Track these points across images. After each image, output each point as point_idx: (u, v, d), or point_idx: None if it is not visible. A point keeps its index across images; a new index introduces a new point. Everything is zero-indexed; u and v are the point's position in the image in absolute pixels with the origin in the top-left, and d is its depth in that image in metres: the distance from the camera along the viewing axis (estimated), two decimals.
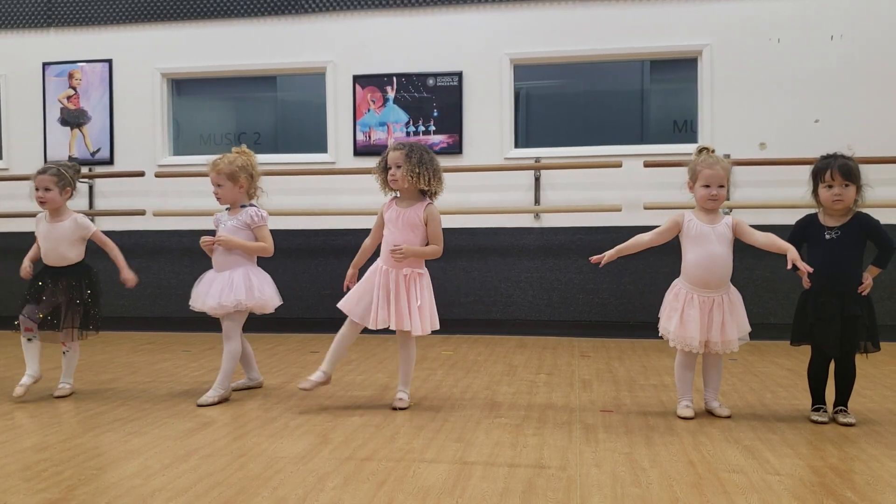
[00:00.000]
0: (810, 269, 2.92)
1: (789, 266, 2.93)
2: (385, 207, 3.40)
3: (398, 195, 3.41)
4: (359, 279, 3.43)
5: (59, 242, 3.63)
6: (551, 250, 5.60)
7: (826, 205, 3.06)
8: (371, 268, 3.40)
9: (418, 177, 3.25)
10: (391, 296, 3.28)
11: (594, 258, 3.24)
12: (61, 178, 3.61)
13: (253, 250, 3.60)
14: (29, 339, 3.63)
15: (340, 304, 3.40)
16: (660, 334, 3.26)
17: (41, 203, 3.63)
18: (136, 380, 4.09)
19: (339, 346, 3.39)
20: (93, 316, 3.68)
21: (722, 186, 3.13)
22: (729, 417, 3.16)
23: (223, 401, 3.52)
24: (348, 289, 3.44)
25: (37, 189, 3.61)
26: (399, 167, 3.27)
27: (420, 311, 3.28)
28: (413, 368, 3.45)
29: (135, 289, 6.11)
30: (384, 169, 3.35)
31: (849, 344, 3.03)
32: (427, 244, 3.33)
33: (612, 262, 3.24)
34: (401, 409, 3.32)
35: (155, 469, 2.52)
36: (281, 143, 6.28)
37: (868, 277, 3.05)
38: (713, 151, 3.20)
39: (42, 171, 3.64)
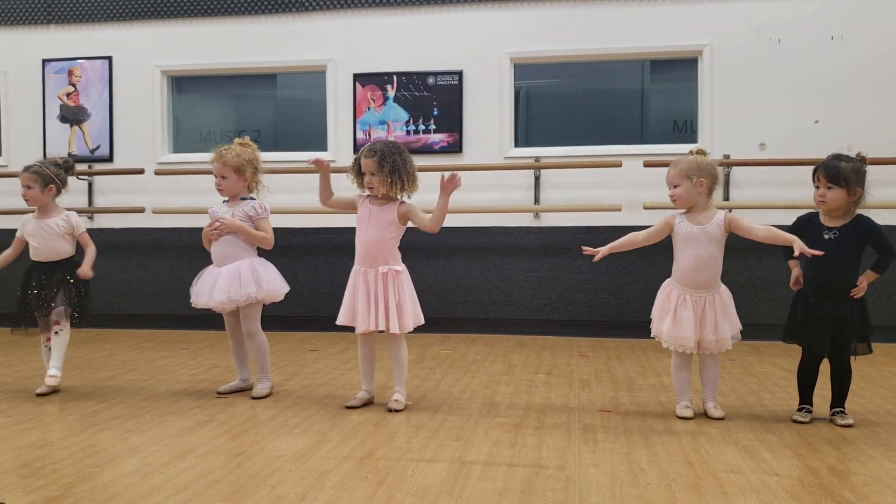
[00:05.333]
0: (820, 253, 2.90)
1: (796, 254, 2.93)
2: (359, 201, 3.40)
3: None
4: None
5: (50, 239, 3.68)
6: (551, 250, 5.60)
7: (815, 204, 3.10)
8: (351, 273, 3.39)
9: (391, 185, 3.26)
10: (371, 297, 3.28)
11: (587, 250, 3.24)
12: (41, 175, 3.67)
13: (256, 238, 3.59)
14: (49, 349, 3.70)
15: (339, 322, 3.40)
16: (652, 335, 3.26)
17: (25, 200, 3.73)
18: (135, 377, 4.09)
19: (365, 363, 3.46)
20: (84, 308, 3.71)
21: (677, 186, 3.13)
22: (722, 419, 3.15)
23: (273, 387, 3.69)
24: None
25: (22, 186, 3.71)
26: (373, 175, 3.27)
27: (401, 308, 3.28)
28: (406, 367, 3.43)
29: (134, 286, 6.08)
30: (359, 173, 3.34)
31: (839, 346, 3.03)
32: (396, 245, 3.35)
33: (612, 261, 3.24)
34: (396, 410, 3.29)
35: (153, 467, 2.52)
36: (281, 141, 6.28)
37: (863, 281, 3.04)
38: (703, 153, 3.18)
39: (25, 169, 3.72)
